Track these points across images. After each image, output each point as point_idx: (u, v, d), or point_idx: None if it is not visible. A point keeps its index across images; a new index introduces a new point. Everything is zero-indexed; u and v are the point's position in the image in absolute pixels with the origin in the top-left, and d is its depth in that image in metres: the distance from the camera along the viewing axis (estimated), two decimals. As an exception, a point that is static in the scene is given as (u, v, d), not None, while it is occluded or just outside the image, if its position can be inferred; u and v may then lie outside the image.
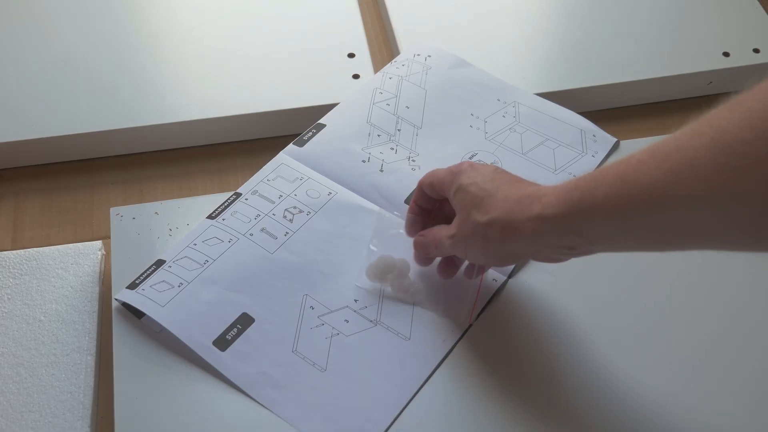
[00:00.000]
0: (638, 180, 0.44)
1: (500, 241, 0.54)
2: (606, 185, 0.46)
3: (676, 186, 0.42)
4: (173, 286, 0.63)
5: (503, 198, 0.54)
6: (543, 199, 0.51)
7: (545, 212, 0.50)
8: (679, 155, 0.42)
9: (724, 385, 0.61)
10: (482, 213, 0.54)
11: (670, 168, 0.42)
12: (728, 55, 0.84)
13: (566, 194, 0.49)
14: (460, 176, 0.58)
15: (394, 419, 0.59)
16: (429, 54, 0.82)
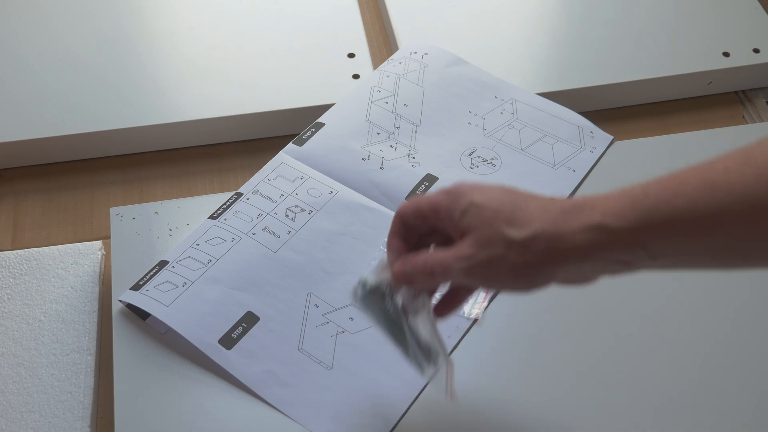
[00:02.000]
0: (732, 188, 0.40)
1: (542, 261, 0.45)
2: (688, 193, 0.41)
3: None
4: (177, 286, 0.63)
5: (542, 209, 0.45)
6: (598, 207, 0.43)
7: (608, 221, 0.42)
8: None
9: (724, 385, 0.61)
10: (517, 227, 0.45)
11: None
12: (728, 55, 0.84)
13: (632, 202, 0.42)
14: (467, 194, 0.48)
15: (402, 416, 0.59)
16: (426, 52, 0.82)
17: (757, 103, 0.84)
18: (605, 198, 0.44)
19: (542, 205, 0.46)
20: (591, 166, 0.75)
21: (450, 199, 0.48)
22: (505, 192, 0.48)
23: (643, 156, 0.76)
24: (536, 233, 0.44)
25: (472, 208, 0.47)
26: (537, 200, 0.46)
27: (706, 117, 0.83)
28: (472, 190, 0.48)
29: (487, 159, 0.74)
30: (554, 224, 0.44)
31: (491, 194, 0.47)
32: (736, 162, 0.40)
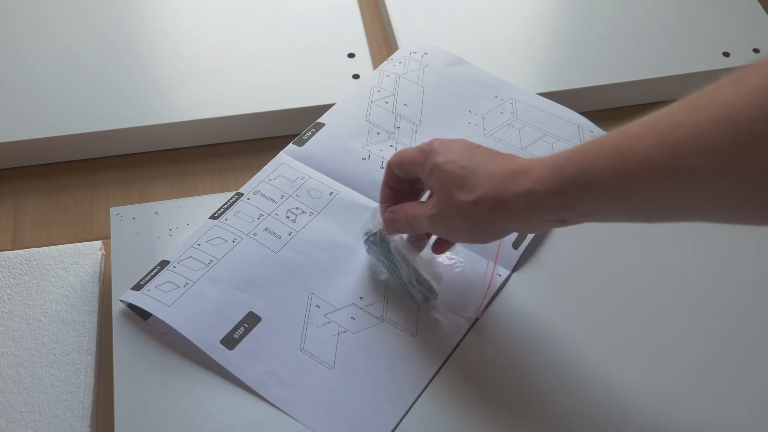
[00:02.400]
0: (637, 154, 0.43)
1: (488, 220, 0.52)
2: (602, 160, 0.45)
3: (678, 161, 0.41)
4: (179, 286, 0.63)
5: (487, 174, 0.52)
6: (532, 173, 0.49)
7: (537, 187, 0.49)
8: (682, 130, 0.41)
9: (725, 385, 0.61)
10: (466, 192, 0.52)
11: (671, 142, 0.42)
12: (728, 55, 0.84)
13: (558, 169, 0.48)
14: (433, 155, 0.55)
15: (404, 415, 0.59)
16: (426, 51, 0.82)
17: (757, 103, 0.84)
18: (539, 164, 0.49)
19: (490, 169, 0.52)
20: (591, 166, 0.74)
21: (422, 157, 0.56)
22: (468, 154, 0.54)
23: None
24: (479, 198, 0.52)
25: (435, 170, 0.55)
26: (488, 163, 0.53)
27: (706, 117, 0.83)
28: (437, 151, 0.56)
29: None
30: (495, 189, 0.51)
31: (453, 156, 0.54)
32: (643, 129, 0.44)
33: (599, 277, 0.67)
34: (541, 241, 0.69)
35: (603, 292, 0.66)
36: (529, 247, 0.68)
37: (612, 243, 0.69)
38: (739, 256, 0.69)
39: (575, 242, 0.69)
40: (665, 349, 0.63)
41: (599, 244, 0.69)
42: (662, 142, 0.42)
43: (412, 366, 0.61)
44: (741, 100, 0.39)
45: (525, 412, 0.59)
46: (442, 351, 0.62)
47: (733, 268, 0.68)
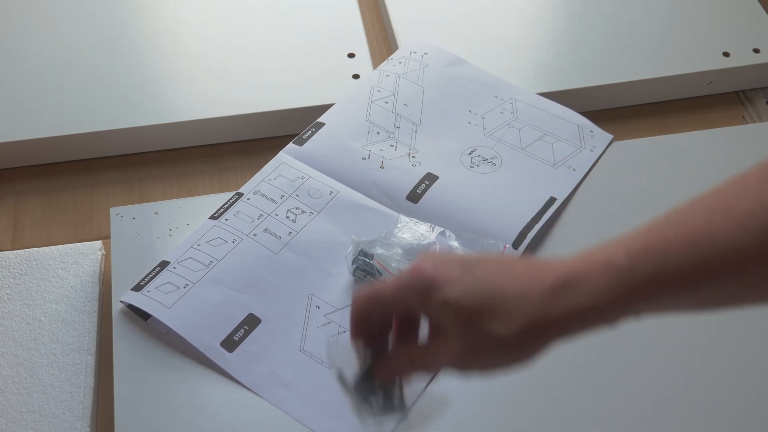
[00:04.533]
0: (718, 243, 0.40)
1: (534, 347, 0.44)
2: (676, 256, 0.40)
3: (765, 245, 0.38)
4: (179, 287, 0.63)
5: (523, 297, 0.43)
6: (584, 286, 0.42)
7: (598, 302, 0.42)
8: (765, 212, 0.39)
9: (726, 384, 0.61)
10: (503, 322, 0.43)
11: (760, 227, 0.39)
12: (728, 55, 0.84)
13: (620, 277, 0.41)
14: (437, 292, 0.44)
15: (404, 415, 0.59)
16: (425, 51, 0.82)
17: (757, 103, 0.84)
18: (590, 273, 0.42)
19: (523, 289, 0.43)
20: (591, 165, 0.75)
21: (419, 296, 0.45)
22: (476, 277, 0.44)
23: (643, 156, 0.76)
24: (524, 327, 0.43)
25: (449, 308, 0.44)
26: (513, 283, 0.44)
27: (706, 117, 0.83)
28: (440, 285, 0.44)
29: (487, 158, 0.74)
30: (541, 312, 0.43)
31: (464, 283, 0.44)
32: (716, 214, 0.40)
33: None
34: (541, 241, 0.69)
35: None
36: (529, 247, 0.68)
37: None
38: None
39: (575, 242, 0.69)
40: (665, 348, 0.63)
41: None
42: (749, 226, 0.39)
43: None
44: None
45: (525, 411, 0.59)
46: (442, 351, 0.62)
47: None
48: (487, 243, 0.67)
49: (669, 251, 0.40)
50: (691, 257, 0.40)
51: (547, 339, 0.44)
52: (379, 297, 0.47)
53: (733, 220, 0.39)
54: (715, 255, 0.39)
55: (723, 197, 0.41)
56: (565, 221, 0.71)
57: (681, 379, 0.61)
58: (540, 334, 0.43)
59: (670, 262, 0.40)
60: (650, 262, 0.41)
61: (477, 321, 0.44)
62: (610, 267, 0.42)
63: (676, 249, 0.40)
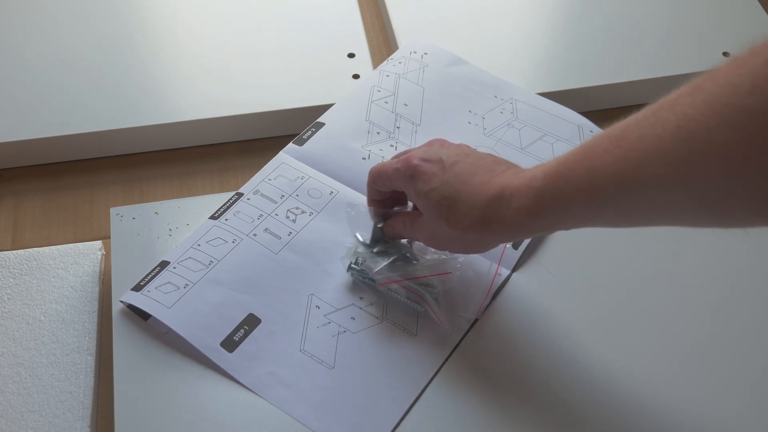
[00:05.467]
0: (607, 170, 0.46)
1: (480, 241, 0.57)
2: (575, 181, 0.48)
3: (644, 173, 0.44)
4: (179, 287, 0.63)
5: (469, 206, 0.54)
6: (513, 202, 0.52)
7: (519, 216, 0.51)
8: (646, 144, 0.43)
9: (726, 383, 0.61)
10: (453, 223, 0.55)
11: (638, 157, 0.44)
12: (728, 55, 0.84)
13: (536, 196, 0.50)
14: (415, 181, 0.57)
15: (404, 415, 0.59)
16: (425, 51, 0.82)
17: (757, 103, 0.84)
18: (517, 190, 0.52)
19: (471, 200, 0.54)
20: (591, 166, 0.74)
21: (403, 181, 0.58)
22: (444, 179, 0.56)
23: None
24: (467, 228, 0.55)
25: (419, 197, 0.57)
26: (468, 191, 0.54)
27: (706, 117, 0.83)
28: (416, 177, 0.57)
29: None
30: (481, 220, 0.54)
31: (432, 182, 0.56)
32: (611, 144, 0.46)
33: (599, 276, 0.67)
34: (541, 241, 0.69)
35: (603, 292, 0.66)
36: (529, 247, 0.68)
37: (612, 243, 0.69)
38: (738, 255, 0.69)
39: (575, 242, 0.69)
40: (665, 348, 0.63)
41: (599, 244, 0.69)
42: (629, 156, 0.44)
43: (412, 365, 0.61)
44: (698, 110, 0.41)
45: (525, 411, 0.59)
46: (442, 351, 0.62)
47: (732, 266, 0.68)
48: None
49: (572, 175, 0.48)
50: (586, 182, 0.47)
51: (487, 240, 0.56)
52: (382, 174, 0.61)
53: (620, 150, 0.45)
54: (603, 180, 0.46)
55: (624, 127, 0.46)
56: (565, 221, 0.71)
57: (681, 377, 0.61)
58: (481, 234, 0.55)
59: (571, 185, 0.48)
60: (557, 184, 0.49)
61: (436, 216, 0.56)
62: (530, 187, 0.51)
63: (578, 173, 0.48)
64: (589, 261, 0.68)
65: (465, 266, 0.66)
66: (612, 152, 0.45)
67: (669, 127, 0.42)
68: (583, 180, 0.47)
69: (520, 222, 0.52)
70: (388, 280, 0.63)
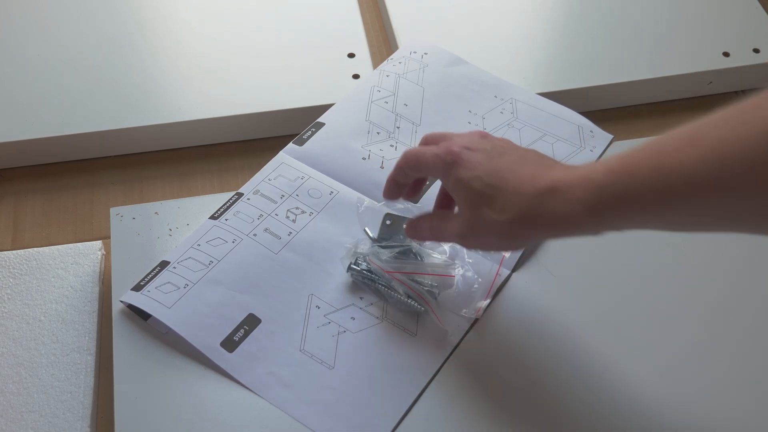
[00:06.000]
0: (681, 171, 0.43)
1: (522, 236, 0.53)
2: (642, 178, 0.45)
3: (723, 176, 0.42)
4: (179, 287, 0.63)
5: (517, 194, 0.51)
6: (567, 194, 0.48)
7: (573, 210, 0.48)
8: (728, 145, 0.42)
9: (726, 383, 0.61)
10: (497, 211, 0.51)
11: (717, 159, 0.42)
12: (728, 55, 0.84)
13: (595, 189, 0.47)
14: (456, 169, 0.53)
15: (404, 414, 0.59)
16: (426, 51, 0.82)
17: (757, 103, 0.84)
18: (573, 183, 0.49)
19: (519, 188, 0.51)
20: (591, 166, 0.75)
21: (444, 167, 0.54)
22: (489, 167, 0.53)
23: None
24: (512, 219, 0.51)
25: (459, 185, 0.53)
26: (516, 179, 0.51)
27: (706, 117, 0.83)
28: (459, 164, 0.53)
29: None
30: (528, 210, 0.50)
31: (476, 170, 0.53)
32: (683, 143, 0.44)
33: (599, 276, 0.67)
34: (541, 241, 0.69)
35: (603, 292, 0.66)
36: (529, 247, 0.68)
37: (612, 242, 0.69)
38: (738, 255, 0.69)
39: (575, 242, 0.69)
40: (666, 347, 0.63)
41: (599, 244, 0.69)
42: (706, 157, 0.42)
43: (412, 365, 0.61)
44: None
45: (525, 411, 0.59)
46: (442, 351, 0.62)
47: (733, 266, 0.68)
48: None
49: (639, 173, 0.45)
50: (655, 181, 0.44)
51: (532, 234, 0.52)
52: (419, 159, 0.57)
53: (696, 150, 0.43)
54: (675, 181, 0.43)
55: (698, 128, 0.44)
56: (565, 221, 0.71)
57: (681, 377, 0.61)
58: (525, 228, 0.51)
59: (638, 183, 0.45)
60: (621, 181, 0.46)
61: (477, 205, 0.52)
62: (589, 181, 0.48)
63: (645, 172, 0.45)
64: (589, 261, 0.68)
65: (466, 267, 0.66)
66: (685, 152, 0.43)
67: (752, 131, 0.41)
68: (652, 179, 0.44)
69: (572, 217, 0.48)
70: (394, 270, 0.63)
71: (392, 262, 0.63)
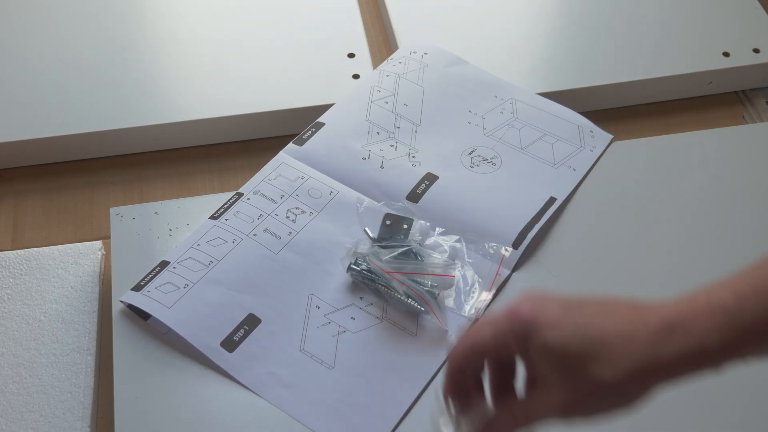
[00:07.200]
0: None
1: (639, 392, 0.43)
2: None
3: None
4: (179, 287, 0.63)
5: (626, 339, 0.42)
6: (693, 328, 0.41)
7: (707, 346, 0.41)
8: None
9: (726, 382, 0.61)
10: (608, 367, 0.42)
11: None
12: (728, 55, 0.84)
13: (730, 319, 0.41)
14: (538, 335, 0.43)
15: (404, 414, 0.59)
16: (425, 51, 0.82)
17: (757, 103, 0.84)
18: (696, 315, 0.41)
19: (625, 333, 0.42)
20: (591, 165, 0.75)
21: (519, 340, 0.44)
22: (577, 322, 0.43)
23: (643, 156, 0.76)
24: (630, 372, 0.42)
25: (552, 352, 0.43)
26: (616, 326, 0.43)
27: (706, 117, 0.83)
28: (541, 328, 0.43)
29: (488, 158, 0.74)
30: (647, 356, 0.41)
31: (564, 329, 0.43)
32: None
33: (599, 276, 0.67)
34: (541, 241, 0.69)
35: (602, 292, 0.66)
36: (529, 247, 0.68)
37: (612, 243, 0.69)
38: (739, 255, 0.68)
39: (575, 242, 0.69)
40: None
41: (599, 244, 0.69)
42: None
43: (412, 365, 0.61)
44: None
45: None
46: (442, 351, 0.62)
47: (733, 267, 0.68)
48: (489, 246, 0.67)
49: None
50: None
51: (653, 383, 0.43)
52: (478, 346, 0.45)
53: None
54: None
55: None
56: (565, 221, 0.71)
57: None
58: (645, 378, 0.42)
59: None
60: (759, 303, 0.40)
61: (580, 367, 0.42)
62: (718, 309, 0.41)
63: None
64: (589, 261, 0.68)
65: (466, 267, 0.66)
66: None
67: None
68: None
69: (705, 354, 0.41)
70: (394, 270, 0.63)
71: (392, 262, 0.63)
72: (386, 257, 0.64)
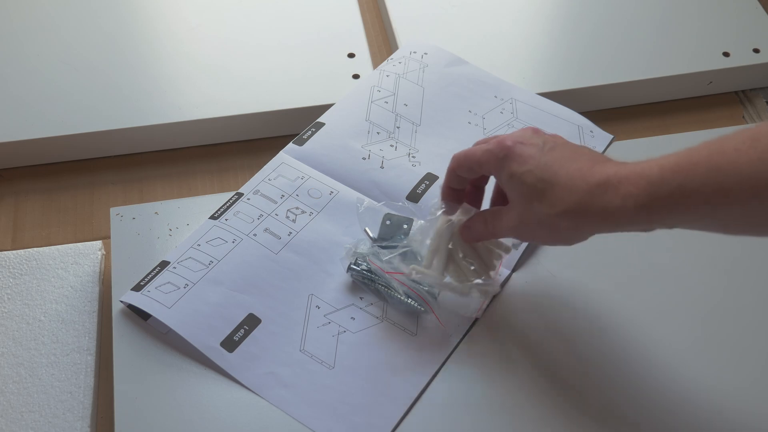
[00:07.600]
0: (738, 170, 0.43)
1: (573, 229, 0.52)
2: (699, 176, 0.45)
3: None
4: (179, 287, 0.63)
5: (568, 188, 0.51)
6: (621, 189, 0.48)
7: (626, 204, 0.48)
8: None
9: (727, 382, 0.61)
10: (548, 205, 0.51)
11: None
12: (728, 55, 0.84)
13: (649, 186, 0.47)
14: (509, 163, 0.54)
15: (404, 415, 0.59)
16: (425, 51, 0.83)
17: (757, 103, 0.84)
18: (626, 178, 0.48)
19: (571, 182, 0.51)
20: (591, 166, 0.75)
21: (496, 163, 0.55)
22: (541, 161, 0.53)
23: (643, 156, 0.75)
24: (562, 212, 0.51)
25: (512, 179, 0.54)
26: (568, 173, 0.51)
27: (706, 117, 0.83)
28: (511, 158, 0.54)
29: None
30: (579, 204, 0.50)
31: (528, 164, 0.53)
32: (743, 144, 0.44)
33: (599, 276, 0.67)
34: (541, 241, 0.69)
35: (603, 292, 0.66)
36: (529, 247, 0.68)
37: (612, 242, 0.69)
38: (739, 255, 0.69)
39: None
40: (665, 346, 0.63)
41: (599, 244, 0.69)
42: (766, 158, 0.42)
43: (412, 365, 0.61)
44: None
45: (525, 411, 0.59)
46: (442, 351, 0.62)
47: (732, 267, 0.68)
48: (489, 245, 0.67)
49: (694, 171, 0.45)
50: (711, 179, 0.44)
51: (581, 227, 0.52)
52: (471, 156, 0.57)
53: (754, 151, 0.43)
54: (732, 180, 0.43)
55: (756, 131, 0.44)
56: (565, 221, 0.71)
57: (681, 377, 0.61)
58: (574, 221, 0.51)
59: (693, 181, 0.45)
60: (676, 178, 0.46)
61: (530, 199, 0.53)
62: (643, 177, 0.48)
63: (700, 170, 0.45)
64: (589, 261, 0.68)
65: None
66: (745, 152, 0.43)
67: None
68: (708, 177, 0.44)
69: (623, 212, 0.48)
70: (394, 270, 0.63)
71: (392, 262, 0.63)
72: (386, 257, 0.64)
